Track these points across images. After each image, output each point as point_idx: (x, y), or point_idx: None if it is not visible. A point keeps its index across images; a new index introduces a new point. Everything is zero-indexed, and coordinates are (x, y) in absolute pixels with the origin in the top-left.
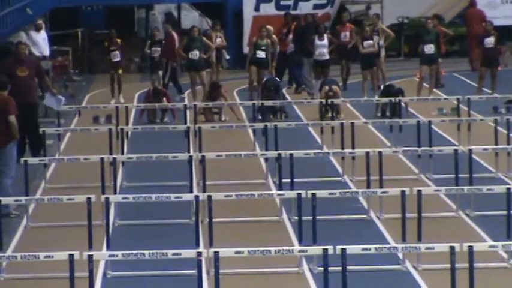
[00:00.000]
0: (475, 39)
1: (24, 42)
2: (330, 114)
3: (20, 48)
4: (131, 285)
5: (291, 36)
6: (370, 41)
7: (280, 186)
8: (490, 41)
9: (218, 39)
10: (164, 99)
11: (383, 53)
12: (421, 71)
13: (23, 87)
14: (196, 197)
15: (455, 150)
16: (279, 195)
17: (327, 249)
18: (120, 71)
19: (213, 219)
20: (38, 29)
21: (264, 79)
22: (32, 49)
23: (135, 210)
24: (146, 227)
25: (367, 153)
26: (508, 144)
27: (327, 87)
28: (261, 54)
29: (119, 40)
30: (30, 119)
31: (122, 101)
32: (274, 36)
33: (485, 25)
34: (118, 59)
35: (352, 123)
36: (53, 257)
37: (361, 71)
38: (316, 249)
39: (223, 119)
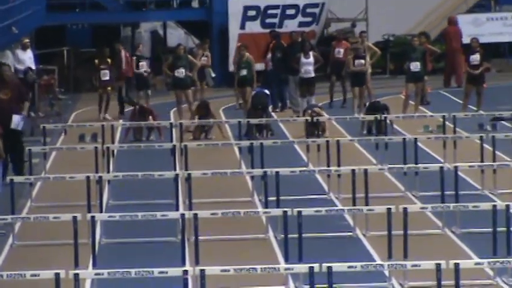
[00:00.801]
0: (452, 57)
1: (8, 64)
2: (315, 132)
3: (3, 70)
4: None
5: (269, 55)
6: (362, 61)
7: (266, 204)
8: (475, 58)
9: (204, 58)
10: (150, 117)
11: (369, 70)
12: (406, 89)
13: (6, 110)
14: (182, 215)
15: (441, 168)
16: (265, 213)
17: (313, 267)
18: (109, 89)
19: (199, 237)
20: (24, 47)
21: (253, 94)
22: (17, 66)
23: (121, 229)
24: (132, 245)
25: (353, 170)
26: (494, 161)
27: (309, 111)
28: (243, 72)
29: (109, 59)
30: (14, 140)
31: (109, 118)
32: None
33: (471, 42)
34: (107, 78)
35: (338, 140)
36: (39, 275)
37: (351, 88)
38: (302, 267)
39: (209, 137)
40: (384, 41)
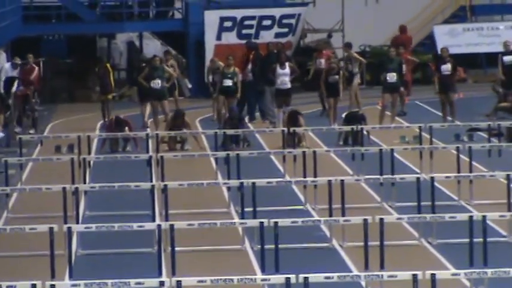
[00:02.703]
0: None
1: None
2: (293, 142)
3: None
4: None
5: (250, 66)
6: (336, 76)
7: (242, 215)
8: (446, 68)
9: (170, 69)
10: (126, 128)
11: (357, 80)
12: (383, 99)
13: None
14: (159, 226)
15: (418, 178)
16: (241, 223)
17: (289, 277)
18: (110, 97)
19: (176, 248)
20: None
21: (229, 106)
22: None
23: (97, 240)
24: (109, 256)
25: (330, 181)
26: (470, 172)
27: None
28: (227, 82)
29: (108, 65)
30: None
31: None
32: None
33: (441, 52)
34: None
35: (314, 151)
36: (15, 287)
37: (326, 99)
38: (278, 278)
39: (186, 148)
40: (361, 52)
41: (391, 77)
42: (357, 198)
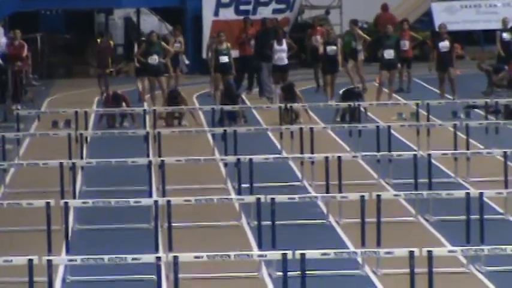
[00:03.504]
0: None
1: None
2: (288, 118)
3: None
4: None
5: (253, 42)
6: (334, 47)
7: (239, 191)
8: (444, 45)
9: (177, 44)
10: (123, 104)
11: (361, 56)
12: (380, 76)
13: None
14: (156, 201)
15: (415, 155)
16: (238, 200)
17: (286, 253)
18: (107, 71)
19: (172, 224)
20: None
21: (226, 82)
22: None
23: (94, 215)
24: (105, 231)
25: (327, 158)
26: (467, 149)
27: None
28: (224, 59)
29: (111, 42)
30: None
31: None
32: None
33: (439, 28)
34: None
35: (312, 128)
36: (12, 261)
37: (323, 75)
38: (275, 254)
39: (183, 123)
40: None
41: (389, 53)
42: (354, 175)
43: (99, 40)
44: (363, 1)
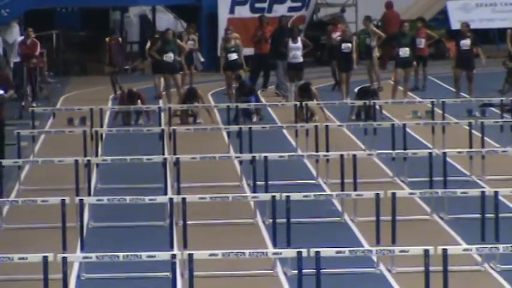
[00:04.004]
0: (389, 42)
1: None
2: (304, 116)
3: None
4: (105, 287)
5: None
6: (349, 44)
7: (254, 189)
8: (465, 43)
9: (190, 42)
10: (139, 101)
11: (376, 53)
12: (395, 74)
13: None
14: (171, 199)
15: (430, 153)
16: (253, 197)
17: (301, 251)
18: (117, 69)
19: (188, 222)
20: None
21: (241, 80)
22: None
23: (109, 213)
24: (120, 229)
25: (342, 156)
26: (482, 147)
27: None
28: (232, 56)
29: (120, 39)
30: None
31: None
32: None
33: (461, 27)
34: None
35: (327, 125)
36: (27, 258)
37: (339, 73)
38: (290, 252)
39: (198, 121)
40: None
41: (404, 51)
42: (369, 173)
43: (107, 38)
44: None
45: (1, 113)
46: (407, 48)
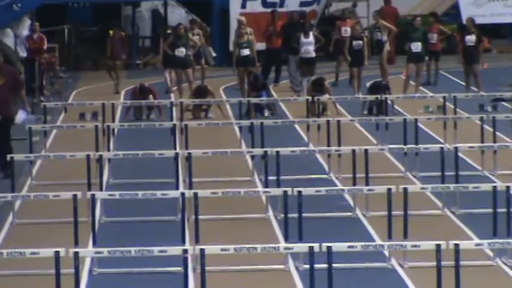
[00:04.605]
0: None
1: (7, 45)
2: (316, 111)
3: None
4: (117, 282)
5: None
6: (360, 41)
7: (266, 184)
8: (470, 39)
9: (195, 37)
10: (150, 96)
11: (387, 47)
12: (407, 69)
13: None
14: (183, 194)
15: (441, 148)
16: (265, 192)
17: (312, 246)
18: (118, 62)
19: (199, 217)
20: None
21: (253, 75)
22: (17, 48)
23: (121, 207)
24: (132, 224)
25: (353, 150)
26: (494, 142)
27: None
28: (244, 52)
29: (123, 33)
30: (1, 134)
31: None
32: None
33: (466, 22)
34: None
35: (339, 120)
36: (39, 253)
37: (349, 68)
38: (302, 247)
39: (209, 116)
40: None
41: (416, 46)
42: (381, 168)
43: (111, 32)
44: None
45: (10, 108)
46: (419, 43)
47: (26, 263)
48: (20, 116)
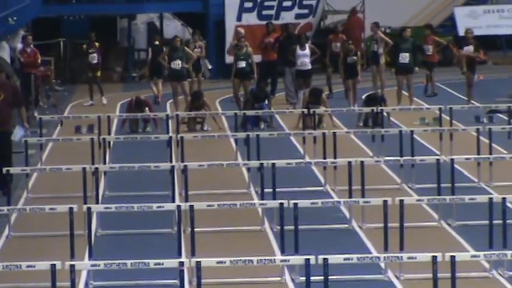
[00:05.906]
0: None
1: (4, 59)
2: (312, 124)
3: None
4: None
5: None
6: (354, 57)
7: (262, 196)
8: (468, 50)
9: (197, 49)
10: (146, 109)
11: (383, 60)
12: (398, 82)
13: None
14: (179, 206)
15: (437, 160)
16: (261, 204)
17: (309, 258)
18: (98, 74)
19: (195, 229)
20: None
21: (251, 88)
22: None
23: (117, 220)
24: (128, 236)
25: (349, 162)
26: (490, 153)
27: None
28: (241, 64)
29: (97, 43)
30: (1, 149)
31: (105, 102)
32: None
33: (465, 33)
34: (96, 61)
35: (334, 132)
36: (35, 266)
37: (344, 81)
38: (298, 259)
39: (205, 128)
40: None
41: (404, 57)
42: (377, 180)
43: (96, 44)
44: (386, 6)
45: (8, 123)
46: (407, 54)
47: (22, 276)
48: (18, 132)
